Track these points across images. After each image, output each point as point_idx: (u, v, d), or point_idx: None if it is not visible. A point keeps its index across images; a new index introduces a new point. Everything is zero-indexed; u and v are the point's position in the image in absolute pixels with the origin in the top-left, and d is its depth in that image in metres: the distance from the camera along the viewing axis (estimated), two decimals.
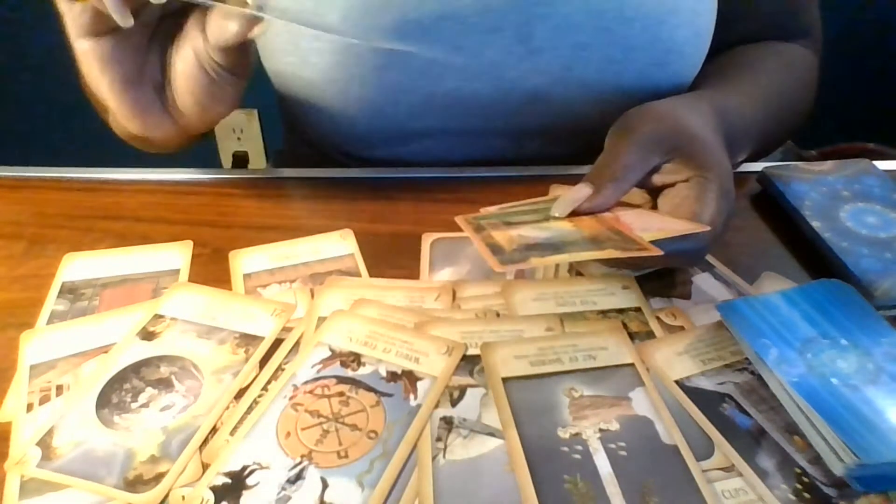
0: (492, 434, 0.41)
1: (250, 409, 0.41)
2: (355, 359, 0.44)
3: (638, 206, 0.47)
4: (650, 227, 0.42)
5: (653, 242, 0.39)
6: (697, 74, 0.65)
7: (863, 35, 1.56)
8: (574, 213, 0.44)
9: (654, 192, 0.47)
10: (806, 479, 0.39)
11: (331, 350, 0.45)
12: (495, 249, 0.38)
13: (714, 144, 0.47)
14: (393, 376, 0.43)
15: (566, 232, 0.41)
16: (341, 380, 0.43)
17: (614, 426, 0.41)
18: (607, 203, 0.45)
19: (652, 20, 0.58)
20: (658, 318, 0.49)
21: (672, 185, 0.46)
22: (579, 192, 0.44)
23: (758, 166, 0.63)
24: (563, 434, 0.41)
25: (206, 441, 0.40)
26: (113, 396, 0.42)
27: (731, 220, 0.47)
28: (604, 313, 0.49)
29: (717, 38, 0.65)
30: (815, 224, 0.55)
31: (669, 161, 0.46)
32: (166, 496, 0.37)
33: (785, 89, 0.64)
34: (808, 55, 0.68)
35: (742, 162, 0.62)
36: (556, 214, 0.44)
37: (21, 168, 0.61)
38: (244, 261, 0.52)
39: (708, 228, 0.42)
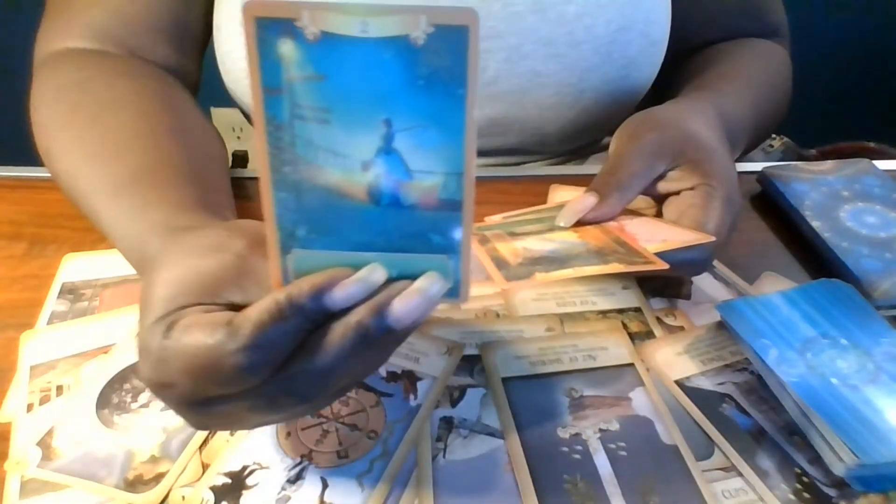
0: (492, 434, 0.41)
1: None
2: None
3: (643, 214, 0.47)
4: (655, 237, 0.41)
5: (658, 254, 0.39)
6: (680, 73, 0.65)
7: (863, 35, 1.56)
8: (579, 222, 0.44)
9: (660, 199, 0.47)
10: (806, 479, 0.39)
11: None
12: (500, 264, 0.38)
13: (720, 151, 0.47)
14: (393, 376, 0.43)
15: (571, 244, 0.41)
16: None
17: (614, 426, 0.41)
18: (613, 212, 0.44)
19: (603, 41, 0.58)
20: (658, 318, 0.49)
21: (677, 192, 0.46)
22: (584, 202, 0.44)
23: (758, 166, 0.63)
24: (563, 434, 0.41)
25: (206, 441, 0.40)
26: (113, 396, 0.42)
27: (736, 226, 0.46)
28: (604, 313, 0.49)
29: (685, 43, 0.65)
30: (815, 224, 0.55)
31: (675, 168, 0.45)
32: (166, 496, 0.37)
33: (769, 86, 0.64)
34: (782, 51, 0.68)
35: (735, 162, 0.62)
36: (562, 224, 0.44)
37: (21, 168, 0.61)
38: None
39: (713, 239, 0.42)
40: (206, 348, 0.29)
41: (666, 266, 0.38)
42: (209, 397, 0.30)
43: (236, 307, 0.31)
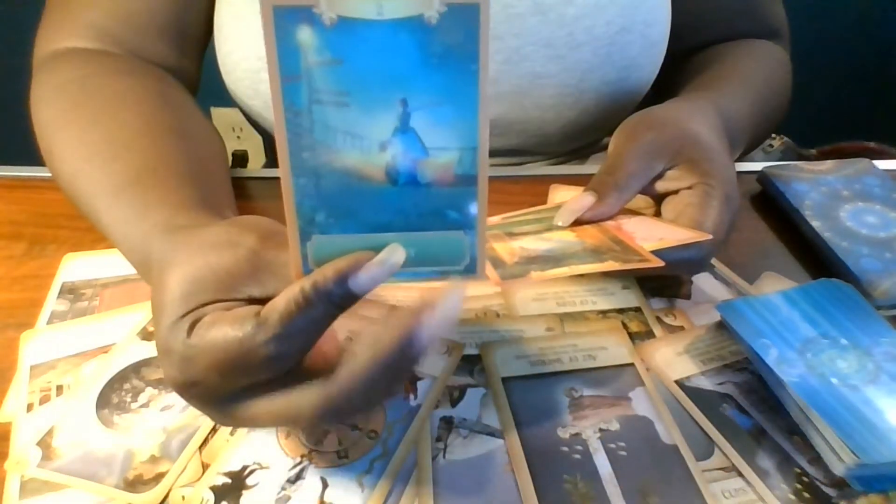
0: (492, 434, 0.41)
1: None
2: None
3: (641, 214, 0.47)
4: (652, 235, 0.41)
5: (655, 252, 0.39)
6: (680, 73, 0.65)
7: (863, 35, 1.56)
8: (577, 222, 0.44)
9: (658, 199, 0.47)
10: (806, 479, 0.39)
11: None
12: (496, 263, 0.38)
13: (718, 150, 0.47)
14: None
15: (568, 243, 0.41)
16: None
17: (614, 426, 0.41)
18: (611, 211, 0.44)
19: (603, 42, 0.58)
20: (658, 318, 0.49)
21: (676, 191, 0.46)
22: (582, 202, 0.44)
23: (758, 166, 0.63)
24: (563, 434, 0.41)
25: (206, 441, 0.40)
26: (113, 396, 0.42)
27: (735, 225, 0.46)
28: (604, 313, 0.49)
29: (685, 44, 0.65)
30: (815, 224, 0.55)
31: (673, 167, 0.45)
32: (166, 496, 0.37)
33: (769, 86, 0.64)
34: (782, 52, 0.69)
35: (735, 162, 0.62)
36: (560, 224, 0.44)
37: (21, 168, 0.61)
38: None
39: (710, 237, 0.42)
40: (236, 341, 0.29)
41: (662, 263, 0.38)
42: (235, 391, 0.31)
43: (255, 301, 0.31)
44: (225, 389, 0.31)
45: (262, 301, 0.31)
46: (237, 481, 0.38)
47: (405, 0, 0.26)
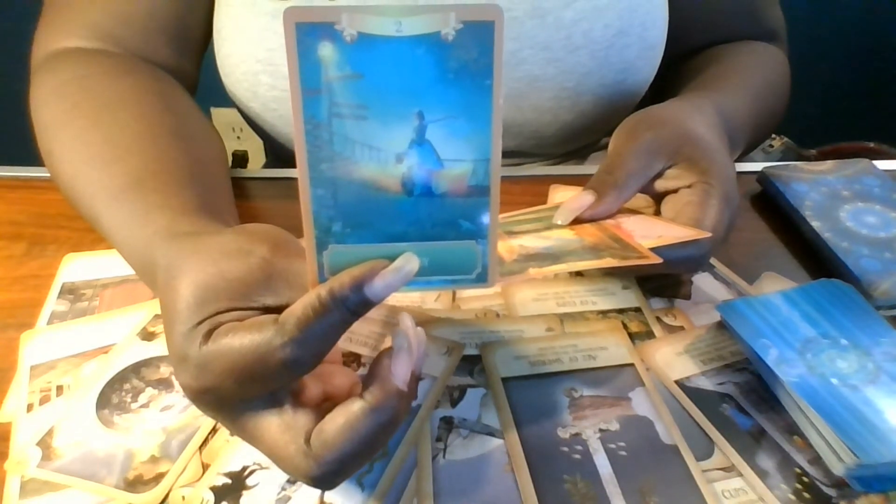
0: (492, 434, 0.41)
1: None
2: (355, 359, 0.44)
3: (640, 212, 0.47)
4: (651, 233, 0.41)
5: (654, 250, 0.39)
6: (679, 75, 0.65)
7: (863, 35, 1.56)
8: (577, 220, 0.44)
9: (658, 198, 0.47)
10: (806, 479, 0.39)
11: None
12: None
13: (718, 149, 0.47)
14: None
15: (567, 241, 0.41)
16: None
17: (614, 426, 0.41)
18: (610, 210, 0.44)
19: (601, 46, 0.58)
20: (658, 318, 0.49)
21: (675, 190, 0.46)
22: (582, 200, 0.44)
23: (758, 166, 0.63)
24: (563, 434, 0.41)
25: (206, 441, 0.40)
26: (113, 396, 0.42)
27: (734, 224, 0.46)
28: (604, 313, 0.49)
29: (683, 46, 0.65)
30: (815, 224, 0.55)
31: (673, 166, 0.45)
32: (166, 496, 0.37)
33: (767, 86, 0.65)
34: (780, 54, 0.69)
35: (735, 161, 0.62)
36: (559, 222, 0.44)
37: (21, 168, 0.61)
38: None
39: (709, 235, 0.42)
40: (254, 345, 0.30)
41: (660, 260, 0.38)
42: (249, 400, 0.31)
43: (269, 310, 0.32)
44: (239, 397, 0.31)
45: (276, 310, 0.31)
46: (237, 482, 0.38)
47: (423, 17, 0.27)
